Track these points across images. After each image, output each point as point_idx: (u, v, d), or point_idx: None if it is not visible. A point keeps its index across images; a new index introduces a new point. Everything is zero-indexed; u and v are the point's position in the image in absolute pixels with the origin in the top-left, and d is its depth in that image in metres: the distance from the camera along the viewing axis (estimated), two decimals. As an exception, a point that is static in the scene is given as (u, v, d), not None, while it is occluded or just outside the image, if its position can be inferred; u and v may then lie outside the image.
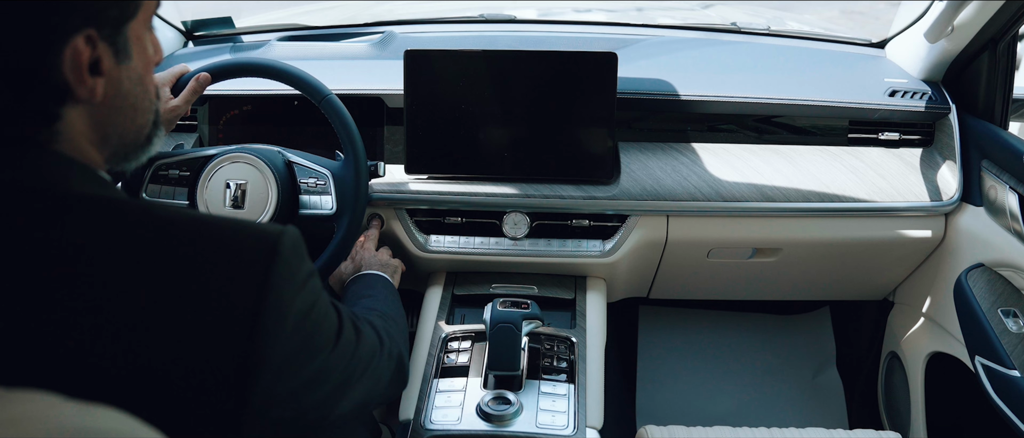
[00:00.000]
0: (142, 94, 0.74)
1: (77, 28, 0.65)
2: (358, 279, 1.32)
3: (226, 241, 0.68)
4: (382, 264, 1.38)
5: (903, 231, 1.59)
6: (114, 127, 0.72)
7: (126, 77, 0.71)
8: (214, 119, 1.64)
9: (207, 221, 0.69)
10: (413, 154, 1.55)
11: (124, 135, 0.74)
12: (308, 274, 0.74)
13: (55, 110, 0.67)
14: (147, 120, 0.76)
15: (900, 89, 1.63)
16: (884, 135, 1.62)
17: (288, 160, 1.40)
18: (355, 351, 0.86)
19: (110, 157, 0.75)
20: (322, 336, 0.78)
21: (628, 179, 1.53)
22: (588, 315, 1.49)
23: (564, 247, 1.55)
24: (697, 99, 1.59)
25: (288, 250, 0.70)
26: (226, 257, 0.67)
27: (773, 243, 1.61)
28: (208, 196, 1.35)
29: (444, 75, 1.52)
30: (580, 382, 1.31)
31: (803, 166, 1.57)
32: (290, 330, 0.70)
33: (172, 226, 0.67)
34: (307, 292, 0.73)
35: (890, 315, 1.89)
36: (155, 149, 0.79)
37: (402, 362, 1.05)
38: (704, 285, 1.82)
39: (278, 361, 0.69)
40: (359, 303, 1.21)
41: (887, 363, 1.91)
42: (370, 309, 1.16)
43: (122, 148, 0.75)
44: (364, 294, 1.25)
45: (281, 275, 0.68)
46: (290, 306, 0.70)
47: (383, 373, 0.96)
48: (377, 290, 1.27)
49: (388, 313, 1.15)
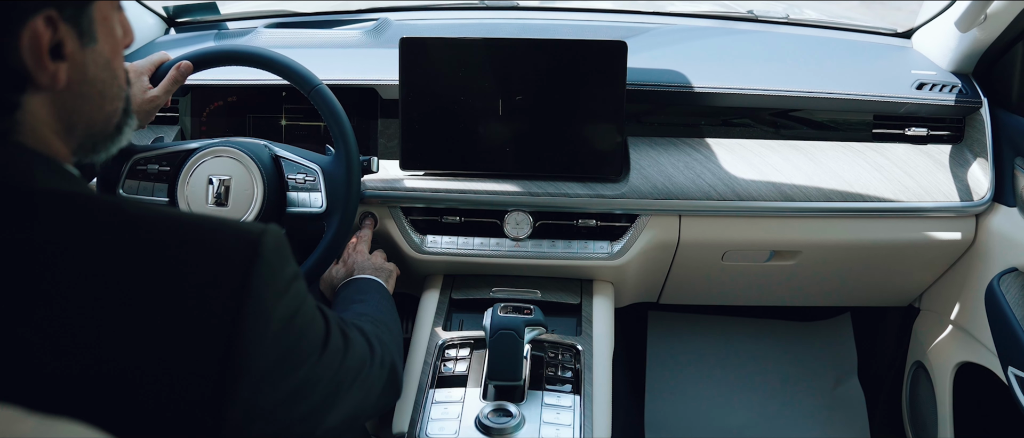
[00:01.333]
0: (110, 80, 0.73)
1: (36, 8, 0.63)
2: (349, 284, 1.31)
3: (203, 241, 0.66)
4: (376, 268, 1.37)
5: (931, 233, 1.58)
6: (80, 116, 0.71)
7: (92, 61, 0.70)
8: (197, 111, 1.63)
9: (182, 219, 0.68)
10: (409, 149, 1.54)
11: (92, 124, 0.73)
12: (292, 277, 0.72)
13: (14, 98, 0.66)
14: (116, 108, 0.75)
15: (928, 82, 1.62)
16: (911, 130, 1.62)
17: (275, 155, 1.39)
18: (343, 360, 0.85)
19: (77, 148, 0.73)
20: (307, 344, 0.77)
21: (638, 176, 1.53)
22: (595, 321, 1.48)
23: (569, 249, 1.55)
24: (711, 91, 1.58)
25: (270, 251, 0.68)
26: (202, 259, 0.66)
27: (792, 245, 1.60)
28: (189, 193, 1.34)
29: (442, 65, 1.51)
30: (586, 393, 1.30)
31: (825, 163, 1.57)
32: (272, 338, 0.69)
33: (144, 225, 0.66)
34: (291, 296, 0.72)
35: (916, 322, 1.89)
36: (126, 140, 0.78)
37: (395, 371, 1.04)
38: (718, 290, 1.81)
39: (259, 371, 0.68)
40: (350, 309, 1.20)
41: (912, 374, 1.90)
42: (361, 315, 1.14)
43: (90, 139, 0.74)
44: (355, 299, 1.24)
45: (262, 278, 0.67)
46: (272, 311, 0.68)
47: (374, 383, 0.95)
48: (370, 295, 1.26)
49: (380, 319, 1.14)
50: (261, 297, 0.67)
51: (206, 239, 0.67)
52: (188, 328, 0.63)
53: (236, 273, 0.66)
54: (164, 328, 0.63)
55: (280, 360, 0.71)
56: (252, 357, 0.66)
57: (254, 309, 0.66)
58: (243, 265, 0.66)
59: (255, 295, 0.66)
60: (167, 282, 0.64)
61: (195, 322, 0.64)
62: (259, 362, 0.67)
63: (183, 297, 0.64)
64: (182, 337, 0.63)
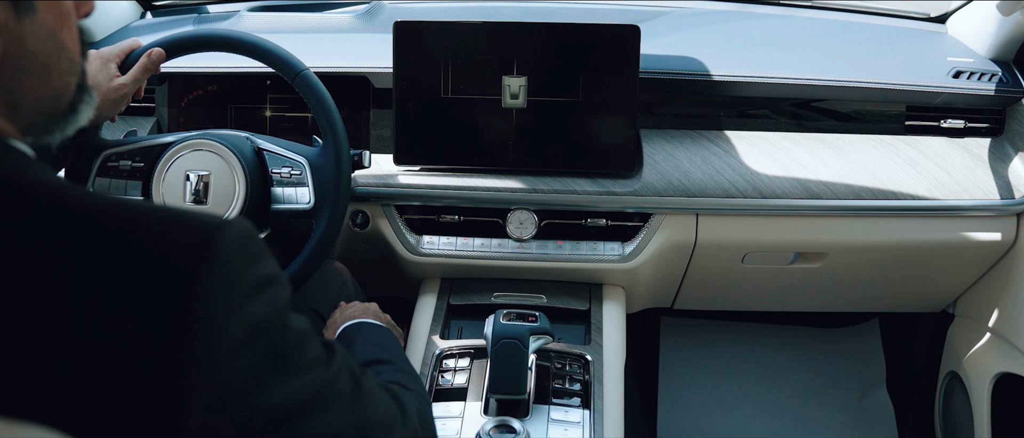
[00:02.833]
0: (56, 53, 0.70)
1: None
2: (352, 329, 1.20)
3: (151, 235, 0.63)
4: (376, 315, 1.26)
5: (968, 233, 1.57)
6: (23, 93, 0.68)
7: (31, 33, 0.67)
8: (174, 101, 1.62)
9: (132, 210, 0.65)
10: (403, 142, 1.53)
11: (39, 102, 0.70)
12: (264, 281, 0.68)
13: None
14: (67, 83, 0.72)
15: (966, 70, 1.61)
16: (947, 122, 1.61)
17: (257, 147, 1.38)
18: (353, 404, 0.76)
19: (26, 128, 0.71)
20: (293, 362, 0.70)
21: (652, 172, 1.52)
22: (605, 329, 1.47)
23: (577, 250, 1.54)
24: (731, 80, 1.58)
25: (230, 246, 0.64)
26: (148, 256, 0.62)
27: (819, 247, 1.60)
28: (165, 190, 1.33)
29: (440, 51, 1.50)
30: (596, 407, 1.29)
31: (853, 158, 1.56)
32: (233, 352, 0.64)
33: (87, 215, 0.63)
34: (262, 303, 0.67)
35: (950, 329, 1.88)
36: (83, 118, 0.75)
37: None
38: (737, 294, 1.81)
39: (221, 390, 0.64)
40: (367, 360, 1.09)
41: (946, 384, 1.89)
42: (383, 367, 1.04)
43: (39, 118, 0.71)
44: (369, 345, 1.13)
45: (218, 279, 0.63)
46: (231, 319, 0.64)
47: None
48: (387, 346, 1.13)
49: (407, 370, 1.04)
50: (217, 301, 0.63)
51: (154, 232, 0.63)
52: (132, 334, 0.61)
53: (184, 272, 0.62)
54: (107, 333, 0.60)
55: (250, 378, 0.66)
56: (207, 373, 0.62)
57: (206, 315, 0.62)
58: (193, 263, 0.62)
59: (209, 299, 0.62)
60: (110, 281, 0.61)
61: (139, 328, 0.61)
62: (219, 379, 0.63)
63: (127, 299, 0.61)
64: (125, 344, 0.60)
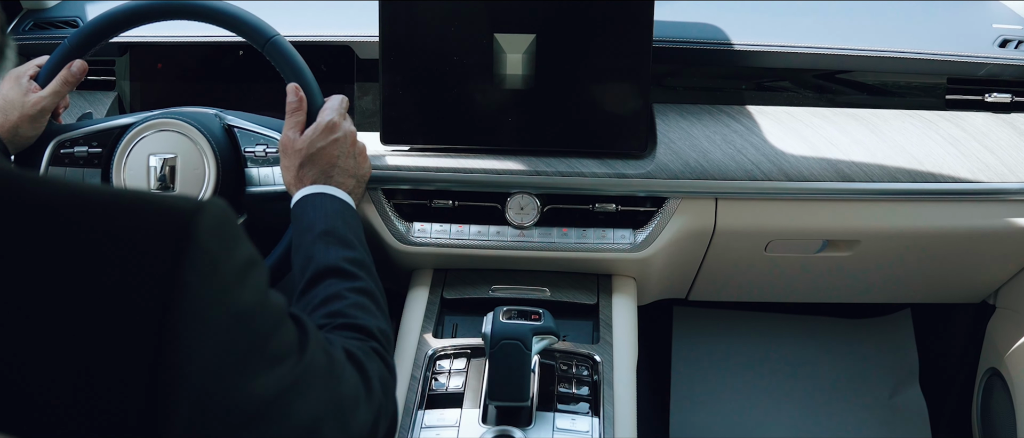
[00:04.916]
0: None
1: None
2: (310, 201, 1.23)
3: (120, 227, 0.63)
4: (358, 179, 1.32)
5: (1014, 219, 1.57)
6: None
7: None
8: (136, 74, 1.62)
9: (96, 197, 0.64)
10: (391, 118, 1.52)
11: None
12: (244, 266, 0.69)
13: None
14: None
15: (1013, 38, 1.61)
16: (992, 96, 1.60)
17: (227, 124, 1.39)
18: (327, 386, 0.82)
19: None
20: (271, 353, 0.73)
21: (666, 151, 1.51)
22: (615, 325, 1.47)
23: (584, 238, 1.54)
24: (753, 49, 1.58)
25: (207, 234, 0.65)
26: (121, 251, 0.62)
27: (850, 234, 1.59)
28: (127, 176, 1.34)
29: (431, 17, 1.49)
30: (606, 413, 1.29)
31: (889, 136, 1.55)
32: (221, 341, 0.66)
33: (48, 208, 0.62)
34: (246, 290, 0.69)
35: (990, 322, 1.88)
36: None
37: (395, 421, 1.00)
38: (758, 285, 1.82)
39: (205, 388, 0.65)
40: (328, 255, 1.13)
41: (985, 381, 1.90)
42: (345, 295, 1.08)
43: None
44: (334, 239, 1.16)
45: (197, 271, 0.64)
46: (213, 311, 0.65)
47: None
48: (356, 245, 1.18)
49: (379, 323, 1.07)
50: (199, 297, 0.64)
51: (122, 224, 0.63)
52: (109, 344, 0.61)
53: (161, 270, 0.62)
54: (78, 344, 0.61)
55: (235, 371, 0.68)
56: (192, 372, 0.64)
57: (189, 313, 0.63)
58: (170, 258, 0.63)
59: (191, 295, 0.63)
60: (76, 284, 0.61)
61: (117, 339, 0.61)
62: (205, 377, 0.65)
63: (98, 304, 0.61)
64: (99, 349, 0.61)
